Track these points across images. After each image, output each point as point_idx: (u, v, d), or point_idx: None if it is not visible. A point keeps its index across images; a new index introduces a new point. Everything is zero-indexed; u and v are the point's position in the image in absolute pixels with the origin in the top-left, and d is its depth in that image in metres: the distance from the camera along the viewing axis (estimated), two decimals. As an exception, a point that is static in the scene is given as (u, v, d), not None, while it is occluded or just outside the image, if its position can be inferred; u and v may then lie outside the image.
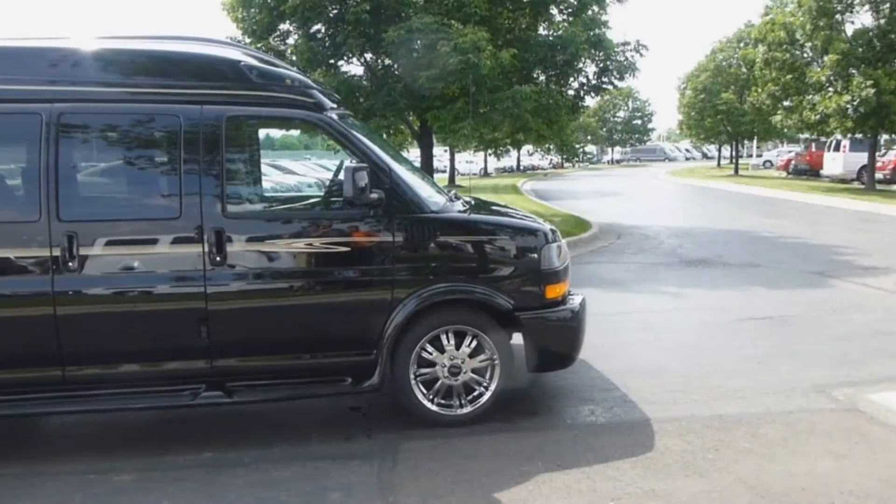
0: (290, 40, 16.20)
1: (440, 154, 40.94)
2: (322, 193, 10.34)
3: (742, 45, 39.82)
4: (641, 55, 16.71)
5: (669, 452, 4.46)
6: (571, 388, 5.62)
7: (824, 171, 32.82)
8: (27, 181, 4.51)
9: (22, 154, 4.54)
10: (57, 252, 4.37)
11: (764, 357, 6.37)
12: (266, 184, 8.40)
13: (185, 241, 4.51)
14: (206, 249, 4.50)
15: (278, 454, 4.59)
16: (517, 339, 5.07)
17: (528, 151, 55.79)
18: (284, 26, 15.93)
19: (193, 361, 4.62)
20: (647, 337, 7.14)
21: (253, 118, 5.12)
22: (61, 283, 4.39)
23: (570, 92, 17.22)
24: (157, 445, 4.77)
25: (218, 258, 4.51)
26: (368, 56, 16.28)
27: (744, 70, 34.53)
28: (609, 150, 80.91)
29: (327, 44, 15.58)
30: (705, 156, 77.39)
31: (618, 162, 78.59)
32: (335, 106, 5.13)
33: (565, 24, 16.24)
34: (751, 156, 56.04)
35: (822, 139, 33.03)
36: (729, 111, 42.56)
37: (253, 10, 15.30)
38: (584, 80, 16.99)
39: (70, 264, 4.38)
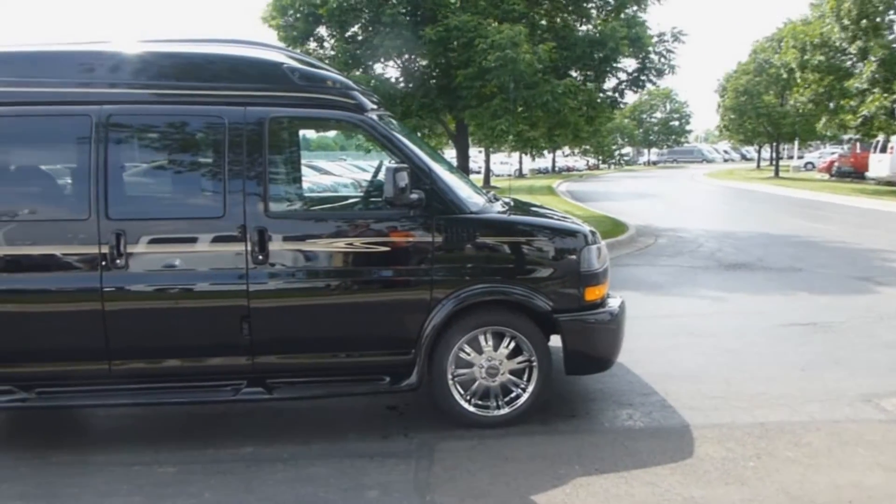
0: (327, 44, 16.36)
1: (474, 155, 40.92)
2: (358, 194, 10.43)
3: (781, 45, 39.12)
4: (682, 42, 16.52)
5: (710, 459, 4.40)
6: (609, 392, 5.58)
7: (870, 174, 31.93)
8: (77, 181, 4.64)
9: (72, 154, 4.68)
10: (105, 250, 4.49)
11: (807, 364, 6.25)
12: (304, 184, 8.48)
13: (229, 240, 4.58)
14: (249, 248, 4.57)
15: (316, 451, 4.64)
16: (555, 341, 5.04)
17: (563, 153, 55.48)
18: (321, 31, 16.09)
19: (235, 358, 4.70)
20: (686, 341, 7.05)
21: (295, 119, 5.19)
22: (109, 280, 4.50)
23: (609, 89, 17.11)
24: (198, 439, 4.86)
25: (260, 257, 4.58)
26: (405, 57, 16.35)
27: (784, 72, 33.86)
28: (645, 151, 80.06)
29: (363, 46, 15.69)
30: (744, 157, 76.11)
31: (654, 163, 77.71)
32: (375, 107, 5.17)
33: (603, 22, 16.13)
34: (791, 157, 54.98)
35: (868, 140, 32.21)
36: (770, 113, 41.82)
37: (291, 15, 15.47)
38: (623, 77, 16.87)
39: (118, 261, 4.49)
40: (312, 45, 16.14)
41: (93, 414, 5.40)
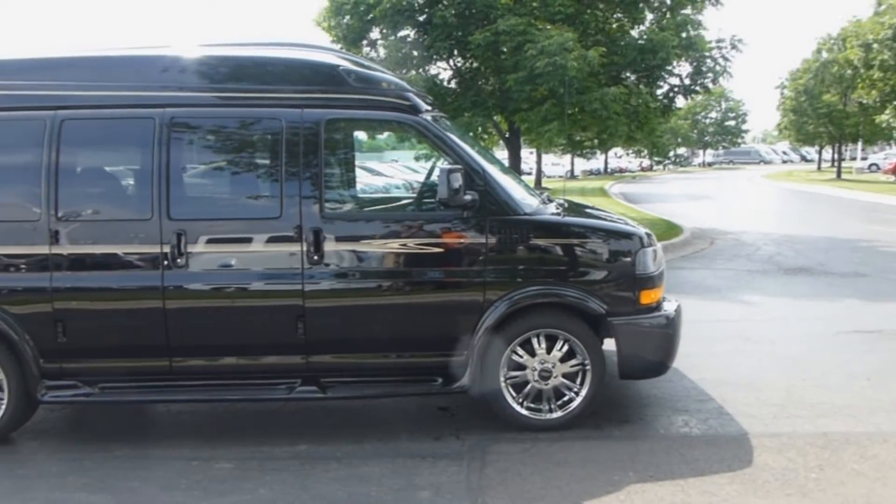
0: (380, 46, 16.50)
1: (525, 156, 40.77)
2: (409, 194, 10.48)
3: (844, 43, 37.85)
4: (739, 50, 16.12)
5: (769, 469, 4.27)
6: (664, 398, 5.47)
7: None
8: (140, 181, 4.78)
9: (136, 156, 4.82)
10: (167, 249, 4.61)
11: (873, 373, 6.01)
12: (358, 185, 8.59)
13: (285, 240, 4.66)
14: (305, 248, 4.63)
15: (369, 450, 4.67)
16: (609, 344, 4.98)
17: (616, 154, 54.82)
18: (374, 33, 16.25)
19: (290, 357, 4.77)
20: (744, 347, 6.87)
21: (350, 120, 5.26)
22: (170, 279, 4.62)
23: (660, 94, 16.82)
24: (254, 436, 4.94)
25: (315, 257, 4.64)
26: (457, 59, 16.38)
27: (848, 71, 32.75)
28: (700, 152, 78.47)
29: (415, 47, 15.77)
30: (804, 158, 73.94)
31: (709, 164, 76.14)
32: (430, 108, 5.19)
33: (656, 27, 15.85)
34: (854, 159, 53.18)
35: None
36: (831, 113, 40.52)
37: (344, 17, 15.65)
38: (676, 82, 16.56)
39: (178, 261, 4.61)
40: (365, 47, 16.30)
41: (153, 409, 5.54)
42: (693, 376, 5.88)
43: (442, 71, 17.01)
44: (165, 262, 4.62)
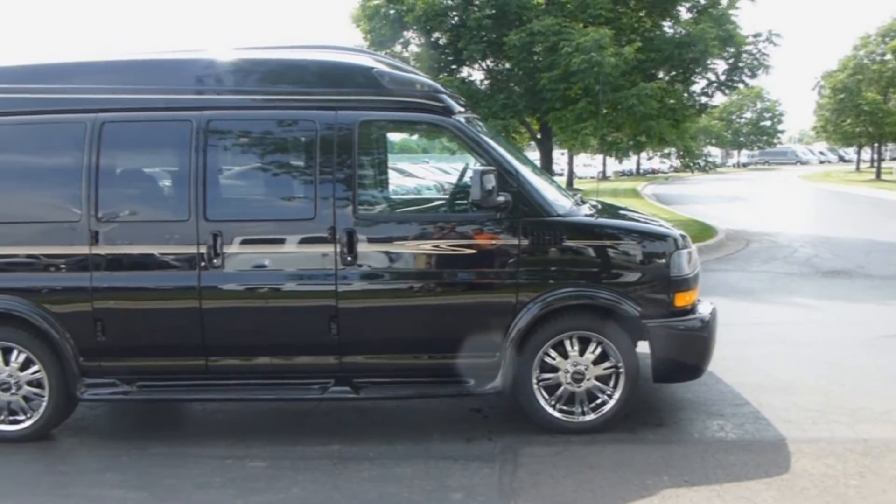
0: (412, 48, 16.56)
1: (556, 157, 40.58)
2: (443, 196, 10.49)
3: (888, 40, 37.01)
4: (775, 45, 15.85)
5: (808, 476, 4.19)
6: (699, 402, 5.40)
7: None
8: (178, 183, 4.86)
9: (174, 158, 4.90)
10: (203, 250, 4.67)
11: (915, 378, 5.88)
12: (391, 186, 8.64)
13: (319, 241, 4.69)
14: (338, 249, 4.66)
15: (401, 451, 4.69)
16: (643, 347, 4.93)
17: (648, 155, 54.27)
18: (407, 34, 16.29)
19: (323, 357, 4.81)
20: (781, 351, 6.75)
21: (384, 122, 5.29)
22: (207, 279, 4.69)
23: (697, 91, 16.61)
24: (287, 435, 4.99)
25: (349, 258, 4.67)
26: (489, 61, 16.36)
27: (890, 66, 31.97)
28: (735, 153, 77.30)
29: (448, 50, 15.79)
30: (842, 159, 72.38)
31: (744, 165, 74.93)
32: (463, 109, 5.19)
33: (692, 22, 15.66)
34: (895, 159, 51.92)
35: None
36: (872, 112, 39.61)
37: (378, 21, 15.73)
38: (713, 78, 16.33)
39: (215, 261, 4.67)
40: (398, 48, 16.36)
41: (188, 408, 5.63)
42: (728, 380, 5.79)
43: (473, 73, 17.01)
44: (202, 263, 4.69)
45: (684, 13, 16.31)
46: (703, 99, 16.75)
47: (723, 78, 16.25)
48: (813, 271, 11.10)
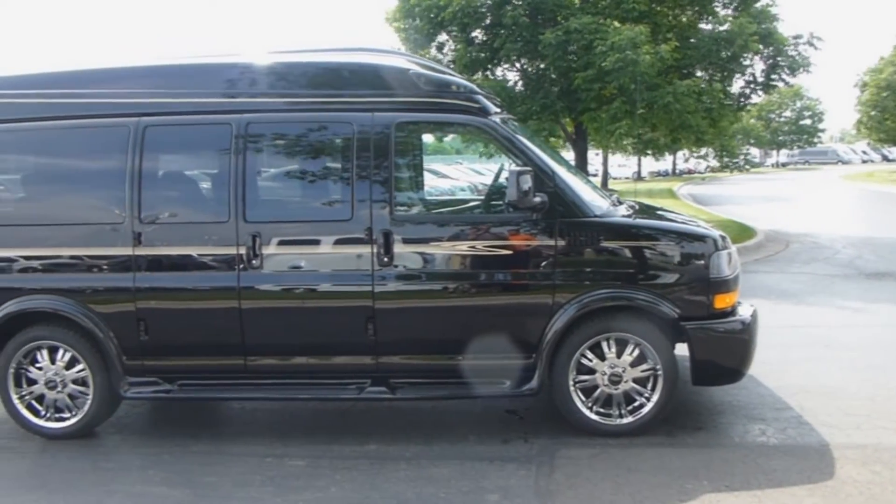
0: (448, 48, 16.59)
1: (591, 157, 40.31)
2: (478, 197, 10.48)
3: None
4: (816, 48, 15.53)
5: (853, 482, 4.10)
6: (739, 405, 5.32)
7: None
8: (218, 185, 4.94)
9: (214, 160, 4.98)
10: (242, 251, 4.74)
11: (965, 383, 5.71)
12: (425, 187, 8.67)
13: (356, 242, 4.72)
14: (375, 250, 4.69)
15: (437, 451, 4.69)
16: (682, 349, 4.86)
17: (685, 156, 53.56)
18: (443, 36, 16.34)
19: (360, 357, 4.84)
20: (823, 354, 6.61)
21: (420, 123, 5.32)
22: (246, 279, 4.76)
23: (735, 91, 16.36)
24: (325, 434, 5.03)
25: (385, 259, 4.69)
26: (524, 61, 16.32)
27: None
28: (773, 152, 75.90)
29: (484, 50, 15.79)
30: (886, 158, 70.51)
31: (783, 165, 73.53)
32: (499, 110, 5.18)
33: (731, 18, 15.42)
34: (943, 158, 50.49)
35: None
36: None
37: (414, 20, 15.79)
38: (751, 77, 16.06)
39: (254, 262, 4.74)
40: (433, 50, 16.41)
41: (228, 406, 5.71)
42: (769, 384, 5.69)
43: (508, 73, 16.98)
44: (241, 264, 4.75)
45: (722, 9, 16.06)
46: (742, 98, 16.49)
47: (762, 77, 15.97)
48: (856, 273, 10.84)
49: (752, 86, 16.25)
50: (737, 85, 16.33)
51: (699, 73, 15.70)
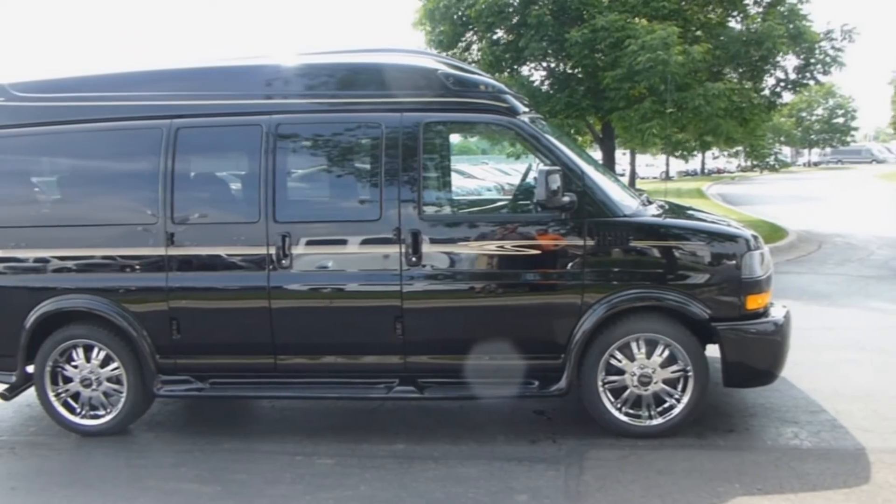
0: (474, 48, 16.57)
1: (618, 157, 39.96)
2: (505, 196, 10.45)
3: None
4: (851, 40, 15.21)
5: (889, 487, 4.02)
6: (772, 408, 5.24)
7: None
8: (248, 186, 4.99)
9: (244, 161, 5.04)
10: (272, 251, 4.79)
11: None
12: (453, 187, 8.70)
13: (384, 242, 4.74)
14: (403, 250, 4.71)
15: (465, 451, 4.70)
16: (713, 351, 4.81)
17: (713, 155, 52.90)
18: (469, 36, 16.33)
19: (388, 356, 4.86)
20: (858, 356, 6.49)
21: (448, 123, 5.32)
22: (276, 279, 4.80)
23: (766, 90, 16.11)
24: (353, 434, 5.06)
25: (414, 259, 4.71)
26: (550, 60, 16.24)
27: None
28: (805, 151, 74.68)
29: (509, 49, 15.74)
30: (922, 157, 69.10)
31: (815, 164, 72.31)
32: (527, 109, 5.17)
33: (761, 18, 15.19)
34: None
35: None
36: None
37: (439, 21, 15.81)
38: (782, 76, 15.81)
39: (283, 262, 4.78)
40: (460, 50, 16.40)
41: (257, 405, 5.76)
42: (802, 386, 5.60)
43: (534, 72, 16.92)
44: (271, 264, 4.80)
45: (752, 7, 15.82)
46: (773, 98, 16.23)
47: (793, 76, 15.70)
48: (891, 274, 10.63)
49: (782, 84, 15.98)
50: (767, 83, 16.06)
51: (728, 73, 15.47)
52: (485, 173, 23.54)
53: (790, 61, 15.48)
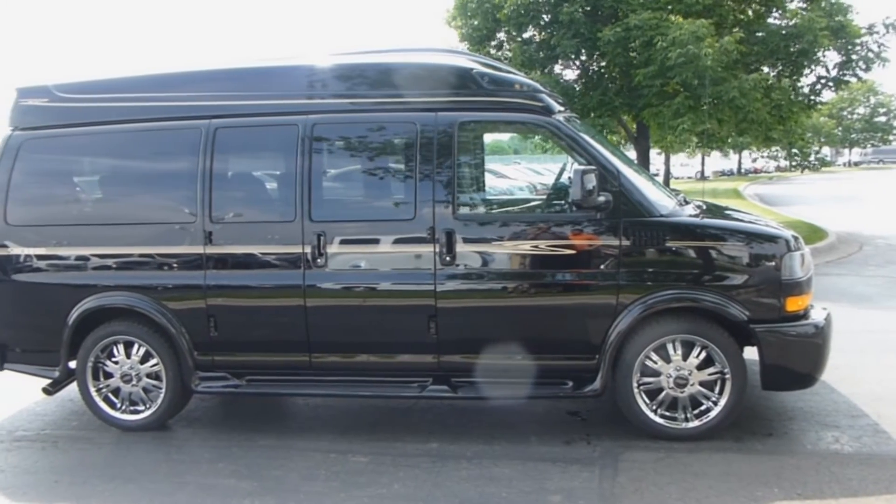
0: (506, 47, 16.53)
1: (652, 157, 39.53)
2: (539, 196, 10.40)
3: None
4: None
5: (935, 493, 3.93)
6: (811, 412, 5.14)
7: None
8: (285, 185, 5.04)
9: (281, 161, 5.09)
10: (308, 249, 4.83)
11: None
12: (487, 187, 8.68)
13: (418, 242, 4.76)
14: (438, 250, 4.71)
15: (499, 451, 4.69)
16: (751, 353, 4.73)
17: (752, 157, 52.05)
18: (501, 35, 16.30)
19: (422, 356, 4.87)
20: (902, 360, 6.34)
21: (483, 123, 5.31)
22: (311, 278, 4.85)
23: (805, 88, 15.79)
24: (387, 432, 5.08)
25: (448, 258, 4.71)
26: (582, 58, 16.14)
27: None
28: (845, 151, 73.09)
29: (541, 48, 15.68)
30: (969, 156, 67.11)
31: (856, 164, 70.75)
32: (562, 108, 5.14)
33: (800, 13, 14.87)
34: None
35: None
36: None
37: (471, 19, 15.81)
38: (823, 72, 15.48)
39: (318, 261, 4.82)
40: (492, 49, 16.39)
41: (292, 402, 5.82)
42: (843, 390, 5.49)
43: (567, 71, 16.82)
44: (306, 262, 4.84)
45: (791, 2, 15.52)
46: (812, 95, 15.90)
47: (834, 72, 15.36)
48: (936, 276, 10.37)
49: (823, 80, 15.64)
50: (807, 80, 15.75)
51: (766, 70, 15.19)
52: (517, 173, 23.46)
53: (831, 57, 15.15)
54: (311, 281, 4.86)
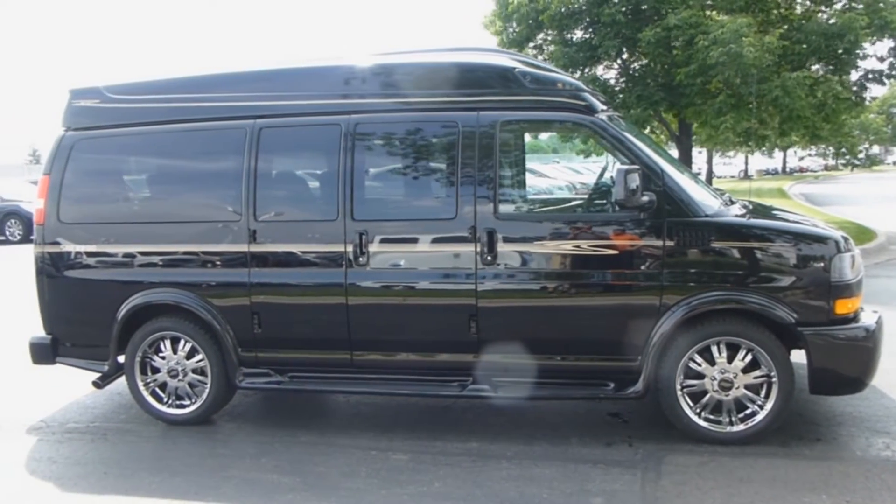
0: (546, 48, 16.44)
1: (694, 156, 38.93)
2: (580, 196, 10.33)
3: None
4: None
5: None
6: (861, 417, 5.02)
7: None
8: (327, 184, 5.09)
9: (324, 160, 5.14)
10: (350, 248, 4.87)
11: None
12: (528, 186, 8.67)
13: (460, 241, 4.76)
14: (479, 249, 4.71)
15: (539, 452, 4.67)
16: (799, 356, 4.63)
17: (798, 155, 50.90)
18: (541, 36, 16.21)
19: (462, 355, 4.87)
20: (956, 365, 6.13)
21: (524, 122, 5.30)
22: (353, 276, 4.89)
23: (853, 84, 15.37)
24: (427, 430, 5.10)
25: (489, 257, 4.71)
26: (624, 58, 15.97)
27: None
28: (895, 149, 71.00)
29: (582, 49, 15.56)
30: None
31: (906, 162, 68.68)
32: (605, 107, 5.09)
33: (840, 12, 14.48)
34: None
35: None
36: None
37: (513, 22, 15.75)
38: (870, 66, 15.09)
39: (360, 259, 4.86)
40: (532, 49, 16.32)
41: (333, 399, 5.88)
42: (895, 395, 5.34)
43: (608, 70, 16.67)
44: (348, 261, 4.88)
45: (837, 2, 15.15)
46: (859, 91, 15.48)
47: (882, 68, 14.94)
48: None
49: (871, 75, 15.23)
50: (854, 76, 15.34)
51: (814, 67, 14.84)
52: (556, 172, 23.32)
53: (879, 45, 14.71)
54: (353, 279, 4.90)
